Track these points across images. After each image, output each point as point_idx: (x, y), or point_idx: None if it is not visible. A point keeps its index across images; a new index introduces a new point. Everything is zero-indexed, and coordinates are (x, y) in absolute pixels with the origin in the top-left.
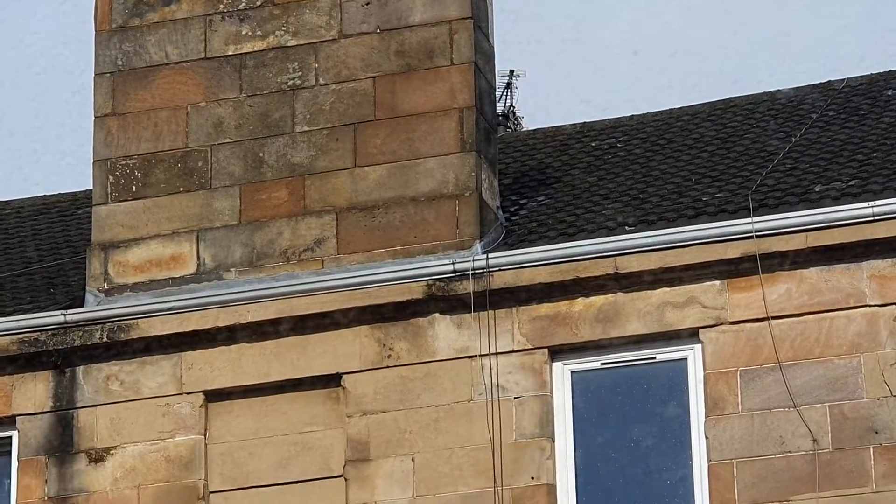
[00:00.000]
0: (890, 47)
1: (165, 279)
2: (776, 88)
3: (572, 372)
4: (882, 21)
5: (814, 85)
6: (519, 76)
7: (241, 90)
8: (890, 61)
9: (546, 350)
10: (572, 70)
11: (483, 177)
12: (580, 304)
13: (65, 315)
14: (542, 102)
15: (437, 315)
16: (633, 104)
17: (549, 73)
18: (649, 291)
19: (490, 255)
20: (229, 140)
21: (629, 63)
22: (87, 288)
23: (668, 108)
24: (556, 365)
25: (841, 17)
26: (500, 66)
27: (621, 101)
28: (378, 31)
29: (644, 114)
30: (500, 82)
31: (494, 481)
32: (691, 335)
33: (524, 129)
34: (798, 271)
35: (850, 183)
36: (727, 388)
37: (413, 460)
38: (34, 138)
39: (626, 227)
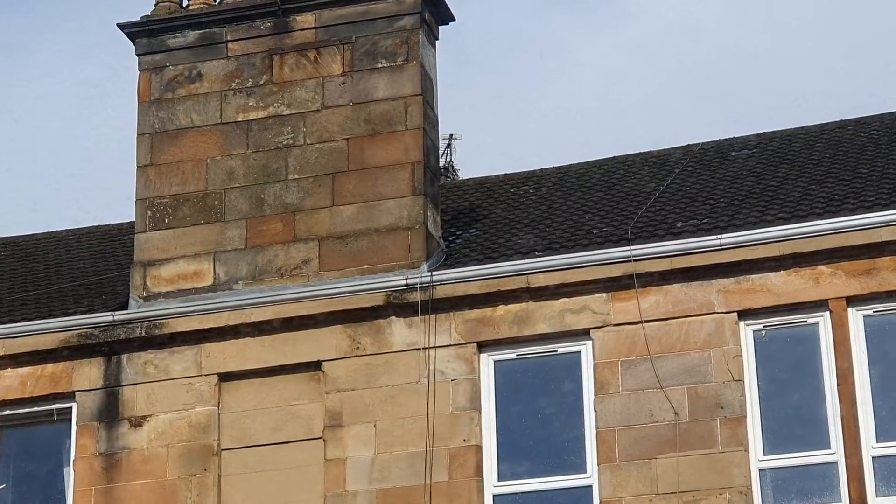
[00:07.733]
0: (738, 118)
1: (189, 289)
2: (648, 150)
3: (495, 361)
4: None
5: (676, 147)
6: (456, 138)
7: (248, 147)
8: (734, 129)
9: (475, 344)
10: (496, 133)
11: (429, 214)
12: (501, 310)
13: (113, 315)
14: (473, 158)
15: (393, 317)
16: (542, 159)
17: (478, 135)
18: (553, 301)
19: (433, 273)
20: (238, 185)
21: (540, 126)
22: (130, 295)
23: (567, 163)
24: (483, 356)
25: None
26: (443, 130)
27: (532, 156)
28: (351, 104)
29: (549, 167)
30: (442, 143)
31: (427, 443)
32: (584, 334)
33: (460, 178)
34: (665, 286)
35: (703, 221)
36: (611, 373)
37: (375, 426)
38: (91, 183)
39: (536, 253)
